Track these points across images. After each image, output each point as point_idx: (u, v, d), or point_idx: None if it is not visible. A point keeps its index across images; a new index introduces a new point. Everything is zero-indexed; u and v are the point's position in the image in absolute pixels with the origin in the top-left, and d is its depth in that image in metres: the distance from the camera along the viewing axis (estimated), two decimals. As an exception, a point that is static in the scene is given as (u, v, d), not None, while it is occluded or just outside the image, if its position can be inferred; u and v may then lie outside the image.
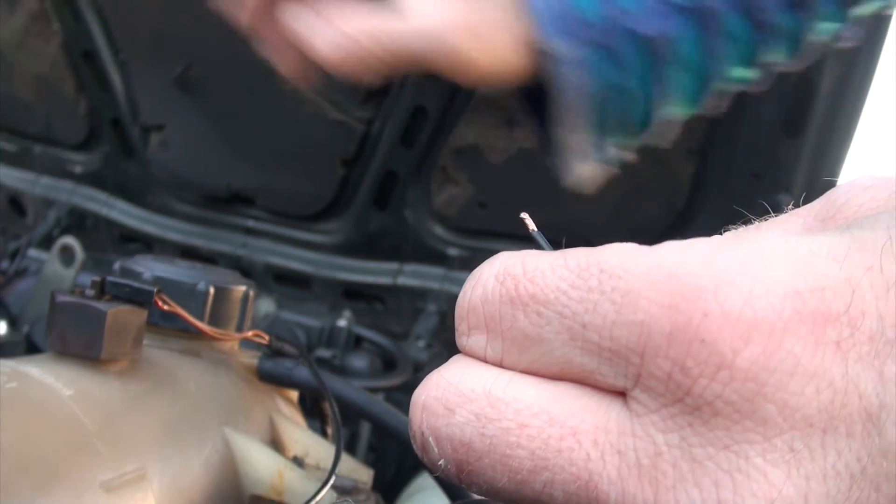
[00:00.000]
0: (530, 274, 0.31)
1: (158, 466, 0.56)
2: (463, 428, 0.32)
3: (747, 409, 0.27)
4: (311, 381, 0.72)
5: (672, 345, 0.27)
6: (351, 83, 0.74)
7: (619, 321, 0.29)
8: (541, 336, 0.30)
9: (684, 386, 0.27)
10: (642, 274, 0.29)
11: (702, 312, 0.27)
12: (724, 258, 0.28)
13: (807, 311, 0.27)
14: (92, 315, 0.57)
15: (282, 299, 1.70)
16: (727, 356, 0.27)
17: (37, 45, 1.77)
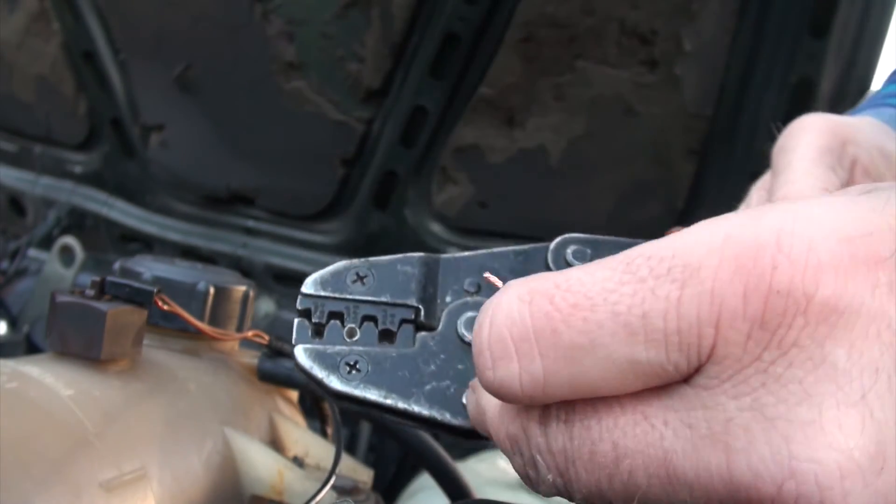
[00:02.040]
0: (565, 285, 0.30)
1: (158, 466, 0.56)
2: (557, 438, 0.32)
3: (819, 354, 0.27)
4: (311, 381, 0.72)
5: (749, 304, 0.28)
6: (351, 83, 0.74)
7: (684, 297, 0.28)
8: (594, 342, 0.29)
9: (763, 341, 0.28)
10: (695, 246, 0.29)
11: (771, 265, 0.28)
12: (772, 216, 0.29)
13: (861, 255, 0.28)
14: (92, 315, 0.57)
15: (282, 299, 1.70)
16: (802, 302, 0.27)
17: (37, 45, 1.77)
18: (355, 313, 0.46)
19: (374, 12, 1.44)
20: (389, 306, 0.46)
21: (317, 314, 0.45)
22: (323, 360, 0.44)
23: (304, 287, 0.46)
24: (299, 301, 0.45)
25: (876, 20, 1.26)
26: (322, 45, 1.50)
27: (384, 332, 0.46)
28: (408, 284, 0.47)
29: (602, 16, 1.36)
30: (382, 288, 0.46)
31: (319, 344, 0.45)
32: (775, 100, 1.34)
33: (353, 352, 0.44)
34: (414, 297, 0.47)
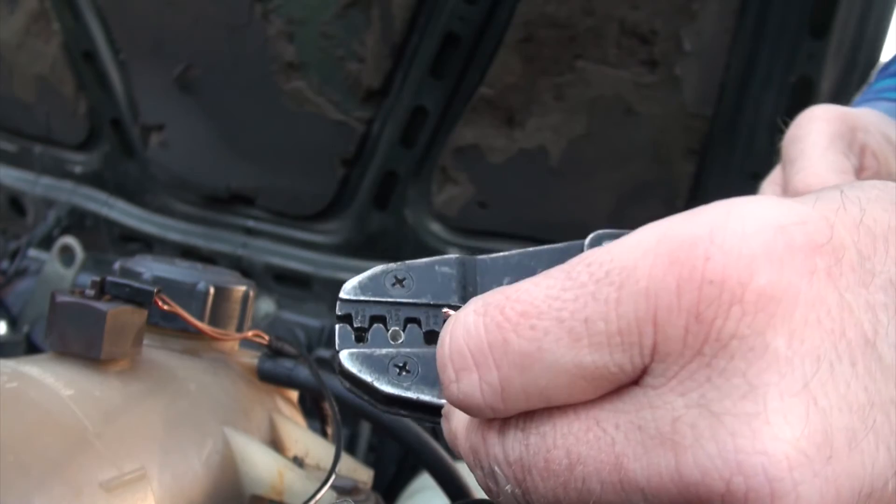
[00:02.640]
0: (514, 296, 0.31)
1: (158, 466, 0.56)
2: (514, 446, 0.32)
3: (760, 344, 0.27)
4: (311, 381, 0.72)
5: (682, 296, 0.28)
6: (351, 83, 0.74)
7: (622, 297, 0.29)
8: (541, 349, 0.30)
9: (701, 334, 0.28)
10: (632, 248, 0.29)
11: (703, 257, 0.28)
12: (707, 212, 0.29)
13: (796, 243, 0.28)
14: (92, 315, 0.57)
15: (282, 299, 1.70)
16: (737, 291, 0.27)
17: (37, 45, 1.77)
18: (397, 316, 0.45)
19: (374, 12, 1.44)
20: (432, 307, 0.46)
21: (358, 319, 0.44)
22: (371, 363, 0.43)
23: (343, 292, 0.45)
24: (339, 307, 0.44)
25: (876, 20, 1.26)
26: (322, 45, 1.50)
27: (429, 334, 0.45)
28: (448, 285, 0.46)
29: (602, 16, 1.36)
30: (423, 290, 0.46)
31: (365, 348, 0.44)
32: (775, 100, 1.34)
33: (402, 354, 0.44)
34: (455, 296, 0.46)
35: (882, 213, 0.30)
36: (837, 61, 1.28)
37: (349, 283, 0.45)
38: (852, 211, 0.30)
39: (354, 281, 0.45)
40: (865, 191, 0.31)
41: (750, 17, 1.30)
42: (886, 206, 0.30)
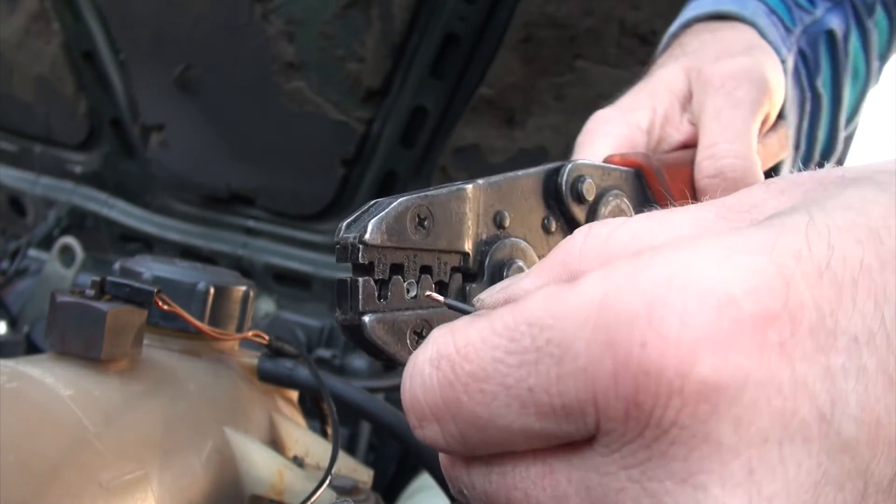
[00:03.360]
0: (463, 350, 0.30)
1: (158, 466, 0.56)
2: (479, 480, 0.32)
3: (702, 432, 0.26)
4: (311, 381, 0.72)
5: (619, 383, 0.26)
6: (351, 83, 0.74)
7: (562, 374, 0.28)
8: (491, 414, 0.29)
9: (641, 420, 0.27)
10: (572, 315, 0.28)
11: (639, 343, 0.26)
12: (648, 274, 0.27)
13: (745, 318, 0.26)
14: (92, 315, 0.57)
15: (282, 299, 1.70)
16: (675, 382, 0.26)
17: (37, 45, 1.77)
18: (414, 264, 0.44)
19: (374, 12, 1.44)
20: (443, 254, 0.45)
21: (380, 269, 0.43)
22: (392, 331, 0.43)
23: (370, 234, 0.42)
24: (362, 253, 0.42)
25: (876, 20, 1.26)
26: (322, 45, 1.50)
27: (439, 285, 0.46)
28: (460, 226, 0.46)
29: (602, 16, 1.36)
30: (440, 233, 0.45)
31: (386, 311, 0.43)
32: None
33: (419, 316, 0.44)
34: (465, 240, 0.46)
35: (854, 246, 0.27)
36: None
37: (373, 223, 0.42)
38: (818, 252, 0.27)
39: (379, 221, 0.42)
40: (839, 213, 0.28)
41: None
42: (860, 237, 0.27)
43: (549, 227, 0.52)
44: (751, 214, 0.31)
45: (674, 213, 0.33)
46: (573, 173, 0.53)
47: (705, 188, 0.65)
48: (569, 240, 0.35)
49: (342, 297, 0.43)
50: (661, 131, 0.71)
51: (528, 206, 0.51)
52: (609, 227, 0.33)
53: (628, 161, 0.62)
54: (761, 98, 0.68)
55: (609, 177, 0.57)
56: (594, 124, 0.70)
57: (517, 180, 0.50)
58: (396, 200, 0.43)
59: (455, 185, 0.47)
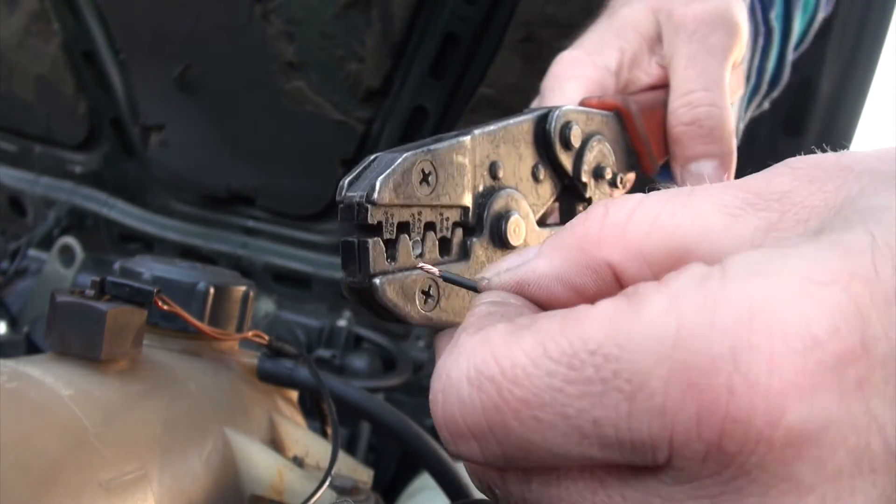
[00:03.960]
0: (510, 374, 0.28)
1: (158, 466, 0.56)
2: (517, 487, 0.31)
3: (783, 473, 0.26)
4: (311, 381, 0.72)
5: (702, 428, 0.26)
6: (351, 83, 0.74)
7: (634, 411, 0.26)
8: (546, 442, 0.28)
9: (721, 462, 0.26)
10: (642, 348, 0.26)
11: (726, 389, 0.25)
12: (726, 310, 0.26)
13: (829, 359, 0.25)
14: (92, 315, 0.57)
15: (282, 299, 1.70)
16: (764, 432, 0.25)
17: (37, 45, 1.77)
18: (419, 221, 0.44)
19: (374, 12, 1.44)
20: (446, 209, 0.45)
21: (388, 228, 0.42)
22: (403, 293, 0.42)
23: (378, 193, 0.40)
24: (370, 213, 0.40)
25: (876, 20, 1.26)
26: (322, 45, 1.50)
27: (442, 242, 0.46)
28: (461, 179, 0.46)
29: (602, 16, 1.36)
30: (443, 187, 0.45)
31: (397, 272, 0.42)
32: (775, 100, 1.34)
33: (422, 275, 0.43)
34: (465, 193, 0.46)
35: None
36: (837, 61, 1.28)
37: (380, 181, 0.41)
38: (885, 277, 0.26)
39: (385, 178, 0.41)
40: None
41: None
42: None
43: (538, 176, 0.53)
44: (781, 205, 0.30)
45: (695, 195, 0.32)
46: (561, 119, 0.53)
47: (679, 135, 0.65)
48: (584, 220, 0.33)
49: (349, 259, 0.41)
50: (629, 73, 0.70)
51: (519, 153, 0.51)
52: (626, 208, 0.32)
53: (606, 104, 0.62)
54: (733, 43, 0.68)
55: (592, 121, 0.58)
56: (561, 67, 0.69)
57: (509, 128, 0.50)
58: (401, 156, 0.42)
59: (454, 138, 0.46)
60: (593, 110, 0.59)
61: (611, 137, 0.60)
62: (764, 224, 0.30)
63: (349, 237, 0.42)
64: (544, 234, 0.52)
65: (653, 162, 0.65)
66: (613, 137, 0.60)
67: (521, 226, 0.50)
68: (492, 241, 0.48)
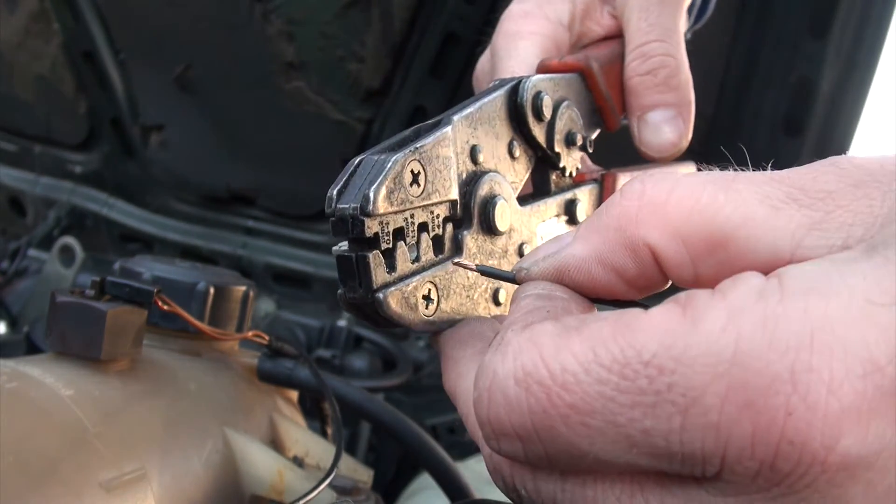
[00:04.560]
0: (560, 378, 0.28)
1: (158, 466, 0.56)
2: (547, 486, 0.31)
3: (834, 494, 0.26)
4: (311, 381, 0.72)
5: (758, 447, 0.26)
6: (351, 83, 0.74)
7: (688, 425, 0.26)
8: (593, 448, 0.28)
9: (773, 480, 0.26)
10: (699, 363, 0.26)
11: (785, 411, 0.25)
12: (786, 329, 0.26)
13: (887, 384, 0.25)
14: (92, 315, 0.57)
15: (282, 299, 1.70)
16: (819, 454, 0.25)
17: (37, 45, 1.77)
18: (413, 224, 0.43)
19: (374, 12, 1.44)
20: (436, 206, 0.45)
21: (384, 238, 0.41)
22: (406, 302, 0.42)
23: (373, 206, 0.39)
24: (367, 226, 0.39)
25: (876, 20, 1.26)
26: (322, 45, 1.50)
27: (435, 240, 0.45)
28: (448, 172, 0.45)
29: (602, 16, 1.36)
30: (433, 184, 0.44)
31: (398, 282, 0.42)
32: (775, 100, 1.34)
33: (424, 280, 0.43)
34: (452, 185, 0.46)
35: None
36: (837, 61, 1.28)
37: (372, 191, 0.39)
38: None
39: (378, 187, 0.40)
40: None
41: (750, 17, 1.30)
42: None
43: (513, 153, 0.52)
44: (825, 204, 0.30)
45: (738, 181, 0.31)
46: (531, 91, 0.53)
47: (636, 86, 0.65)
48: (621, 199, 0.32)
49: (348, 274, 0.41)
50: (582, 26, 0.69)
51: (496, 132, 0.51)
52: (665, 188, 0.31)
53: (568, 65, 0.62)
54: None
55: (559, 87, 0.57)
56: (513, 23, 0.67)
57: (484, 107, 0.50)
58: (390, 158, 0.41)
59: (436, 129, 0.45)
60: (557, 75, 0.58)
61: (576, 99, 0.59)
62: (807, 221, 0.30)
63: (345, 251, 0.41)
64: (525, 214, 0.52)
65: (615, 117, 0.65)
66: (578, 99, 0.60)
67: (506, 210, 0.49)
68: (481, 229, 0.48)
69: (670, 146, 0.64)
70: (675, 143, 0.64)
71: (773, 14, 1.29)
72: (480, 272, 0.43)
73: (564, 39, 0.68)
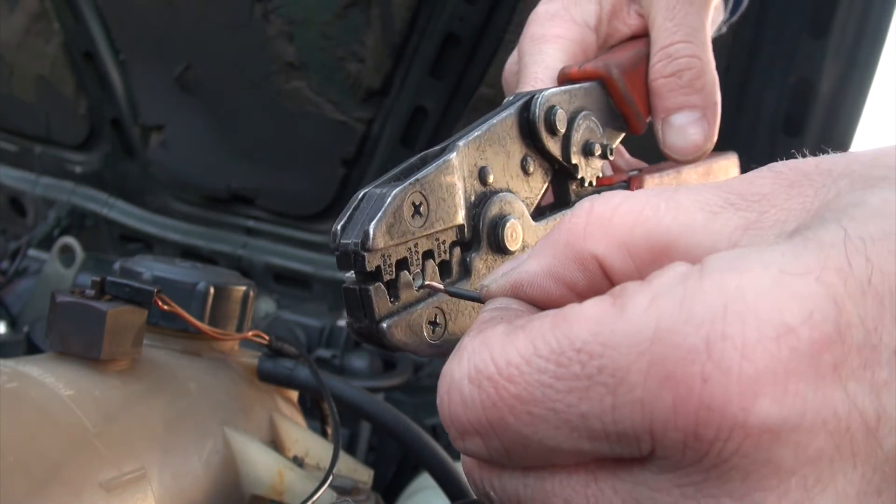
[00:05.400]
0: (506, 372, 0.30)
1: (158, 466, 0.56)
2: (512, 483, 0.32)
3: (763, 458, 0.26)
4: (311, 381, 0.72)
5: (679, 417, 0.27)
6: (351, 83, 0.74)
7: (618, 404, 0.28)
8: (540, 435, 0.29)
9: (700, 450, 0.27)
10: (623, 344, 0.28)
11: (700, 378, 0.26)
12: (701, 303, 0.27)
13: (802, 346, 0.26)
14: (92, 315, 0.57)
15: (282, 299, 1.70)
16: (738, 417, 0.26)
17: (37, 45, 1.77)
18: (416, 253, 0.44)
19: (374, 12, 1.44)
20: (441, 232, 0.45)
21: (387, 271, 0.42)
22: (410, 330, 0.43)
23: (373, 241, 0.41)
24: (367, 260, 0.41)
25: (876, 20, 1.26)
26: (322, 45, 1.50)
27: (442, 265, 0.46)
28: (452, 199, 0.46)
29: (602, 16, 1.36)
30: (436, 213, 0.44)
31: (403, 312, 0.43)
32: (775, 100, 1.34)
33: (429, 306, 0.44)
34: (458, 211, 0.46)
35: (889, 258, 0.27)
36: (837, 61, 1.28)
37: (373, 227, 0.41)
38: (858, 268, 0.27)
39: (378, 222, 0.41)
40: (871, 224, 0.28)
41: (750, 17, 1.30)
42: (892, 247, 0.27)
43: (527, 169, 0.52)
44: (760, 205, 0.31)
45: (679, 193, 0.33)
46: (544, 106, 0.53)
47: (661, 88, 0.64)
48: (571, 218, 0.34)
49: (353, 305, 0.42)
50: (609, 26, 0.68)
51: (507, 151, 0.51)
52: (611, 205, 0.33)
53: (588, 73, 0.61)
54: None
55: (575, 98, 0.57)
56: (539, 27, 0.66)
57: (493, 128, 0.50)
58: (390, 193, 0.42)
59: (440, 157, 0.45)
60: (574, 86, 0.58)
61: (595, 107, 0.59)
62: (743, 223, 0.31)
63: (350, 284, 0.42)
64: (541, 230, 0.52)
65: (640, 121, 0.64)
66: (598, 106, 0.59)
67: (517, 229, 0.49)
68: (490, 250, 0.48)
69: (695, 148, 0.63)
70: (700, 146, 0.63)
71: (773, 14, 1.29)
72: (448, 293, 0.43)
73: (591, 41, 0.67)
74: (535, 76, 0.63)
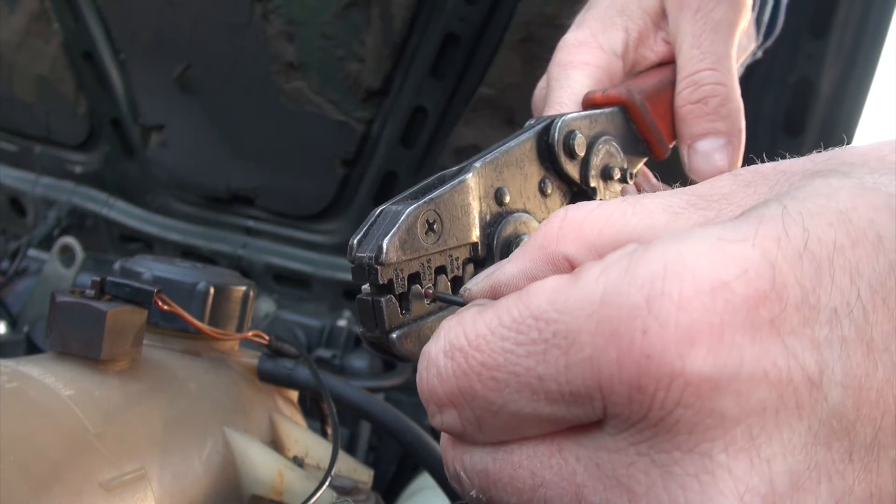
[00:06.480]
0: (474, 342, 0.32)
1: (158, 466, 0.56)
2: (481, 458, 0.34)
3: (706, 407, 0.28)
4: (311, 381, 0.72)
5: (623, 369, 0.28)
6: (351, 83, 0.74)
7: (570, 363, 0.29)
8: (504, 399, 0.31)
9: (645, 403, 0.28)
10: (575, 309, 0.30)
11: (640, 330, 0.28)
12: (644, 268, 0.29)
13: (738, 299, 0.28)
14: (92, 315, 0.57)
15: (282, 299, 1.70)
16: (676, 364, 0.27)
17: (37, 45, 1.77)
18: (429, 268, 0.46)
19: (374, 12, 1.44)
20: (454, 249, 0.47)
21: (399, 283, 0.44)
22: (420, 341, 0.45)
23: (386, 255, 0.43)
24: (381, 273, 0.43)
25: (876, 20, 1.26)
26: (322, 45, 1.50)
27: (454, 281, 0.47)
28: (467, 218, 0.47)
29: (602, 16, 1.35)
30: (450, 231, 0.46)
31: (413, 323, 0.45)
32: (775, 100, 1.34)
33: (440, 319, 0.45)
34: (472, 230, 0.48)
35: (826, 228, 0.29)
36: (837, 61, 1.28)
37: (387, 242, 0.43)
38: (795, 236, 0.29)
39: (392, 237, 0.43)
40: (810, 201, 0.30)
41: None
42: (831, 219, 0.29)
43: (545, 191, 0.53)
44: (719, 204, 0.34)
45: (645, 198, 0.35)
46: (563, 130, 0.54)
47: (686, 115, 0.65)
48: (546, 224, 0.37)
49: (366, 316, 0.44)
50: (636, 53, 0.69)
51: (524, 173, 0.52)
52: (584, 211, 0.35)
53: (611, 98, 0.62)
54: (738, 17, 0.68)
55: (596, 123, 0.58)
56: (567, 53, 0.68)
57: (511, 150, 0.51)
58: (405, 211, 0.44)
59: (456, 178, 0.47)
60: (595, 111, 0.59)
61: (617, 133, 0.60)
62: (702, 220, 0.33)
63: (364, 295, 0.44)
64: None
65: (663, 146, 0.65)
66: (620, 132, 0.60)
67: None
68: None
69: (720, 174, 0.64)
70: (725, 171, 0.64)
71: (773, 14, 1.29)
72: (437, 299, 0.45)
73: (618, 69, 0.68)
74: (561, 101, 0.65)
